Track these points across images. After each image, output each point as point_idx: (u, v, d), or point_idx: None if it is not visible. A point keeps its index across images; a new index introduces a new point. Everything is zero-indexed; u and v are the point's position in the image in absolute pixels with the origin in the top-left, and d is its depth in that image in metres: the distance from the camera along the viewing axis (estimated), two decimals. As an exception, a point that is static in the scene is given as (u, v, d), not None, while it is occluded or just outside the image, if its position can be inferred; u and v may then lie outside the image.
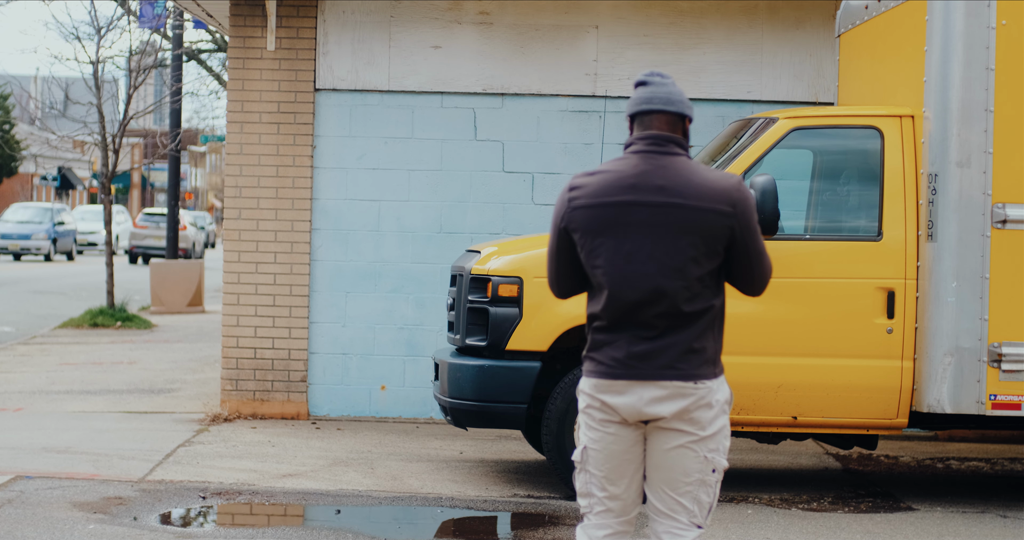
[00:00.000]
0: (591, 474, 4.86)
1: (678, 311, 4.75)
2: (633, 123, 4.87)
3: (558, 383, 8.93)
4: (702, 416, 4.75)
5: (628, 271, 4.74)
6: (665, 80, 4.86)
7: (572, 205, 4.84)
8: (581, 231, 4.82)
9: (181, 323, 21.44)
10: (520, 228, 11.85)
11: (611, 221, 4.78)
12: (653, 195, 4.75)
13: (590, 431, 4.85)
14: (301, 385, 11.90)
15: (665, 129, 4.81)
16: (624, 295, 4.75)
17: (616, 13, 12.00)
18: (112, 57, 26.04)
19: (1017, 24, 8.67)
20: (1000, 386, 8.59)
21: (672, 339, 4.75)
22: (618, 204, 4.78)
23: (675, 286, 4.74)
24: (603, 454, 4.81)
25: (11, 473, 9.09)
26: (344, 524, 8.16)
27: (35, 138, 56.74)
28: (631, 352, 4.75)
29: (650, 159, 4.80)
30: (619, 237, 4.76)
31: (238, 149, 12.02)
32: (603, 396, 4.78)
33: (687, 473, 4.77)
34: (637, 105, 4.85)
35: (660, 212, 4.74)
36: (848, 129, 9.17)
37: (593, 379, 4.82)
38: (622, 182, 4.80)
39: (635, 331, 4.76)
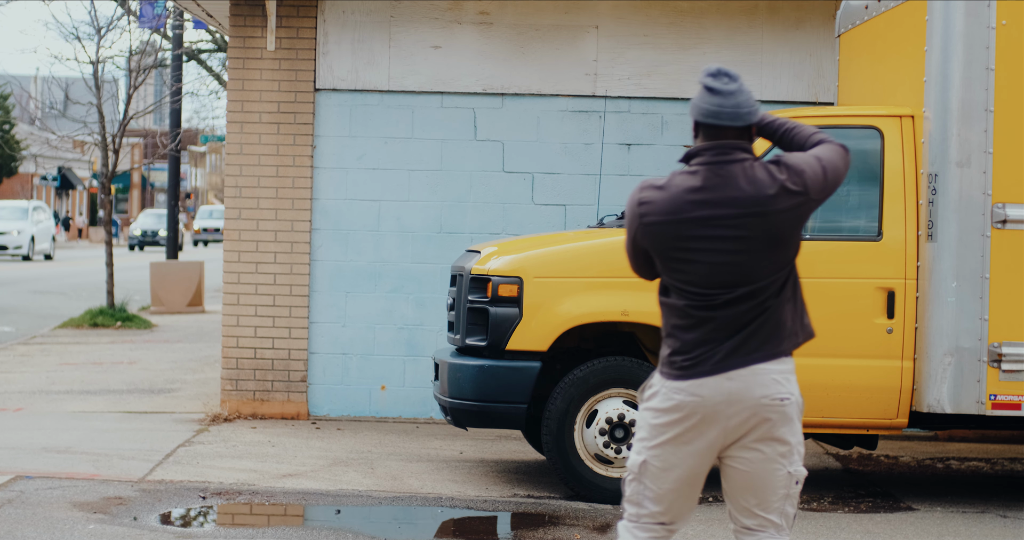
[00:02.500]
0: (646, 486, 4.83)
1: (772, 297, 4.78)
2: (698, 127, 4.79)
3: (558, 383, 8.93)
4: (788, 428, 4.80)
5: (711, 282, 4.72)
6: (733, 86, 4.74)
7: (643, 221, 4.78)
8: (652, 245, 4.79)
9: (181, 323, 21.44)
10: (520, 228, 11.85)
11: (685, 237, 4.72)
12: (728, 208, 4.70)
13: (655, 445, 4.78)
14: (301, 385, 11.90)
15: (732, 138, 4.75)
16: (704, 311, 4.74)
17: (616, 13, 12.00)
18: (112, 57, 26.05)
19: (1017, 24, 8.66)
20: (1000, 386, 8.59)
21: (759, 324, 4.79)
22: (691, 221, 4.71)
23: (767, 282, 4.75)
24: (666, 474, 4.79)
25: (11, 473, 9.09)
26: (344, 524, 8.16)
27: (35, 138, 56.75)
28: (719, 349, 4.74)
29: (722, 170, 4.73)
30: (696, 251, 4.71)
31: (238, 149, 12.02)
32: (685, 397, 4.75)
33: (775, 489, 4.80)
34: (704, 117, 4.75)
35: (739, 224, 4.70)
36: (848, 129, 9.16)
37: (676, 382, 4.75)
38: (692, 196, 4.72)
39: (721, 329, 4.75)
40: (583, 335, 9.22)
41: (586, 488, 8.84)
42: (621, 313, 8.85)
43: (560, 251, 9.18)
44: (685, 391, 4.74)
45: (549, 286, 8.90)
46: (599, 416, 8.81)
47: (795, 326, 4.86)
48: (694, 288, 4.75)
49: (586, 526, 8.17)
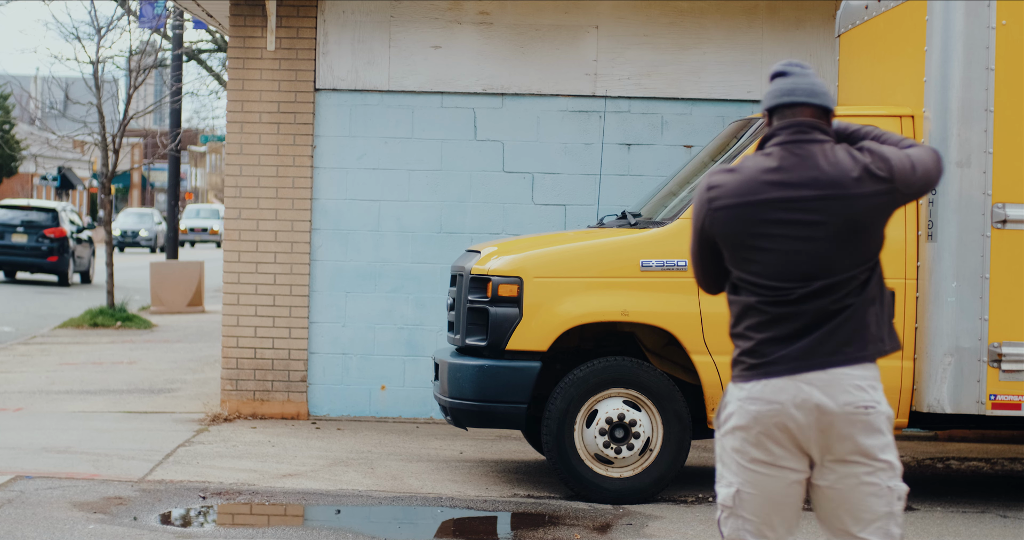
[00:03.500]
0: (744, 519, 4.43)
1: (854, 291, 4.39)
2: (772, 119, 4.48)
3: (558, 383, 8.93)
4: (878, 439, 4.37)
5: (788, 273, 4.35)
6: (806, 70, 4.50)
7: (713, 205, 4.42)
8: (723, 234, 4.42)
9: (181, 323, 21.44)
10: (520, 228, 11.85)
11: (760, 221, 4.36)
12: (807, 189, 4.35)
13: (744, 471, 4.40)
14: (301, 385, 11.90)
15: (808, 117, 4.42)
16: (778, 307, 4.37)
17: (616, 13, 12.00)
18: (112, 57, 26.09)
19: (1017, 24, 8.66)
20: (1000, 386, 8.59)
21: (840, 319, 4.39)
22: (766, 203, 4.36)
23: (850, 274, 4.37)
24: (763, 500, 4.40)
25: (11, 473, 9.08)
26: (344, 524, 8.16)
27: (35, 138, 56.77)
28: (796, 347, 4.37)
29: (798, 149, 4.39)
30: (772, 238, 4.36)
31: (238, 149, 12.02)
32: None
33: (872, 508, 4.37)
34: (777, 97, 4.45)
35: (818, 207, 4.34)
36: (848, 129, 9.15)
37: (753, 384, 4.38)
38: (768, 177, 4.38)
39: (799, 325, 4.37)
40: (583, 335, 9.22)
41: (586, 488, 8.84)
42: (621, 313, 8.85)
43: (560, 251, 9.18)
44: (761, 400, 4.35)
45: (549, 286, 8.90)
46: (599, 416, 8.81)
47: (880, 331, 4.42)
48: (768, 281, 4.37)
49: (586, 526, 8.17)
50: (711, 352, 8.76)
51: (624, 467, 8.84)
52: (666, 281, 8.83)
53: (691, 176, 9.49)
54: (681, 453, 8.86)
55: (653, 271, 8.88)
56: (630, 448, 8.80)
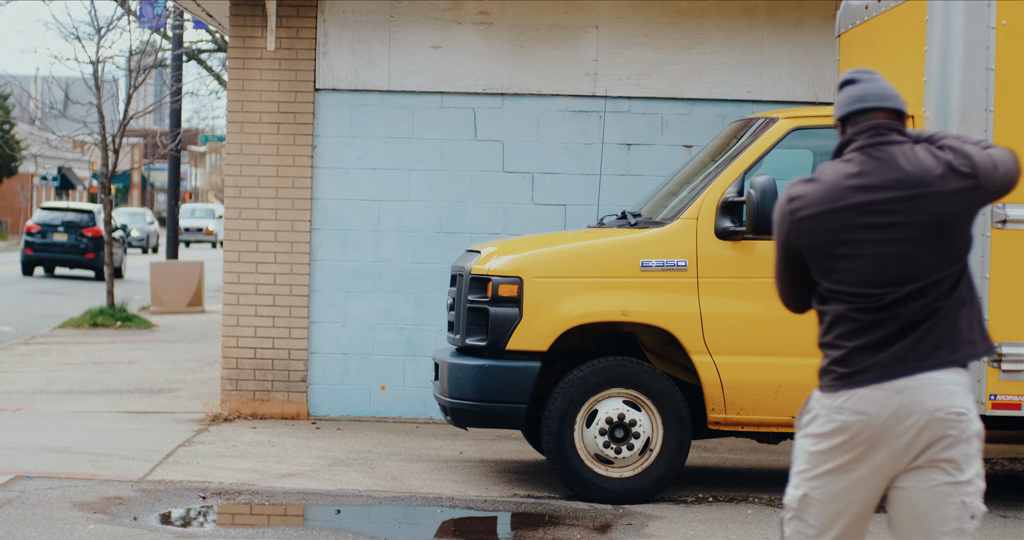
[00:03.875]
0: (807, 524, 4.36)
1: (944, 295, 4.30)
2: (845, 127, 4.43)
3: (558, 383, 8.93)
4: (966, 448, 4.25)
5: (876, 278, 4.28)
6: (874, 75, 4.45)
7: (796, 216, 4.34)
8: (807, 245, 4.34)
9: (181, 323, 21.44)
10: (520, 228, 11.85)
11: (844, 228, 4.29)
12: (890, 191, 4.28)
13: (815, 477, 4.32)
14: (301, 385, 11.90)
15: (883, 120, 4.38)
16: (869, 314, 4.28)
17: (616, 13, 12.00)
18: (112, 57, 26.09)
19: (1017, 24, 8.66)
20: (1000, 386, 8.58)
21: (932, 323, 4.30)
22: (850, 208, 4.30)
23: (940, 276, 4.28)
24: (830, 508, 4.32)
25: (11, 473, 9.08)
26: (344, 524, 8.16)
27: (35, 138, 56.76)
28: (886, 355, 4.27)
29: (877, 152, 4.34)
30: (857, 244, 4.29)
31: (238, 149, 12.02)
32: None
33: (945, 521, 4.24)
34: (849, 105, 4.41)
35: (903, 209, 4.27)
36: (848, 129, 9.15)
37: (838, 397, 4.29)
38: (850, 182, 4.31)
39: (889, 333, 4.27)
40: (583, 335, 9.22)
41: (586, 488, 8.84)
42: (621, 313, 8.85)
43: (560, 251, 9.18)
44: (848, 410, 4.25)
45: (549, 286, 8.90)
46: (599, 416, 8.81)
47: (972, 333, 4.33)
48: (856, 288, 4.28)
49: (586, 526, 8.17)
50: (711, 352, 8.76)
51: (624, 467, 8.84)
52: (666, 281, 8.84)
53: (691, 176, 9.49)
54: (681, 453, 8.86)
55: (653, 271, 8.88)
56: (630, 448, 8.79)
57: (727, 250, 8.86)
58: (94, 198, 68.56)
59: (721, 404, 8.81)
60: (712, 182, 8.95)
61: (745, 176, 8.83)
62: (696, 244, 8.84)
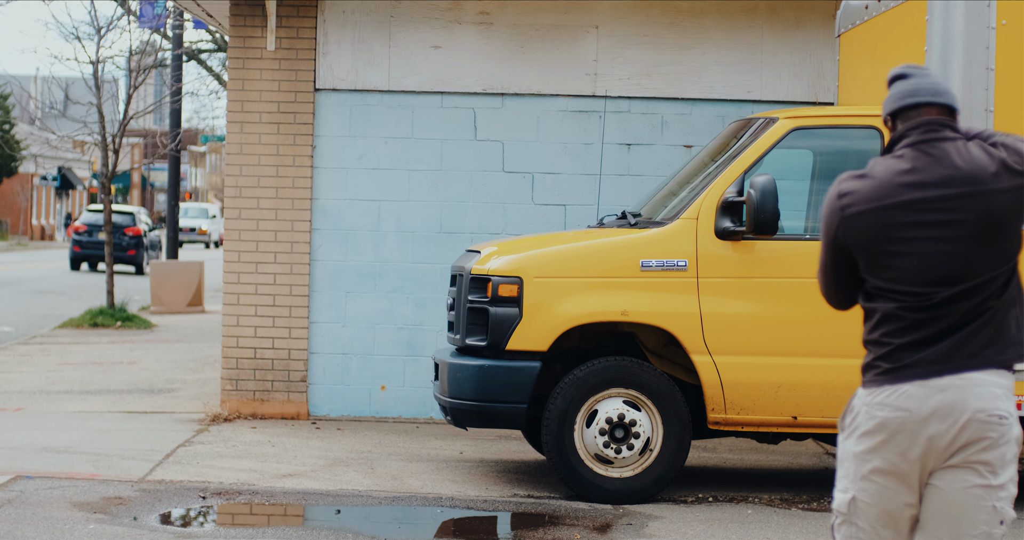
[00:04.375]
0: (858, 528, 4.31)
1: (992, 299, 4.25)
2: (895, 121, 4.35)
3: (558, 383, 8.92)
4: (1004, 451, 4.22)
5: (926, 277, 4.22)
6: (926, 71, 4.36)
7: (846, 213, 4.30)
8: (858, 241, 4.29)
9: (181, 323, 21.44)
10: (520, 228, 11.85)
11: (896, 225, 4.23)
12: (943, 188, 4.21)
13: (862, 479, 4.28)
14: (301, 385, 11.90)
15: (935, 116, 4.30)
16: (925, 296, 4.22)
17: (616, 13, 12.00)
18: (112, 57, 26.11)
19: (1017, 24, 8.66)
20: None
21: (976, 326, 4.25)
22: (904, 204, 4.23)
23: (990, 275, 4.23)
24: (879, 510, 4.27)
25: (11, 473, 9.08)
26: (344, 524, 8.16)
27: (35, 138, 56.78)
28: (932, 351, 4.23)
29: (930, 148, 4.26)
30: (909, 241, 4.23)
31: (238, 149, 12.02)
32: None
33: (974, 524, 4.20)
34: (901, 99, 4.33)
35: (956, 206, 4.20)
36: (848, 129, 9.16)
37: (882, 393, 4.25)
38: (902, 179, 4.25)
39: (936, 330, 4.23)
40: (583, 335, 9.22)
41: (586, 488, 8.84)
42: (621, 313, 8.85)
43: (560, 251, 9.18)
44: (890, 406, 4.21)
45: (549, 286, 8.90)
46: (599, 416, 8.81)
47: (1020, 335, 4.27)
48: (906, 287, 4.23)
49: (586, 526, 8.17)
50: (711, 352, 8.76)
51: (624, 467, 8.84)
52: (666, 281, 8.83)
53: (691, 176, 9.48)
54: (681, 453, 8.86)
55: (653, 271, 8.88)
56: (630, 448, 8.79)
57: (727, 250, 8.85)
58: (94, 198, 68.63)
59: (721, 404, 8.81)
60: (712, 182, 8.95)
61: (745, 176, 8.83)
62: (696, 244, 8.84)
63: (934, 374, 4.18)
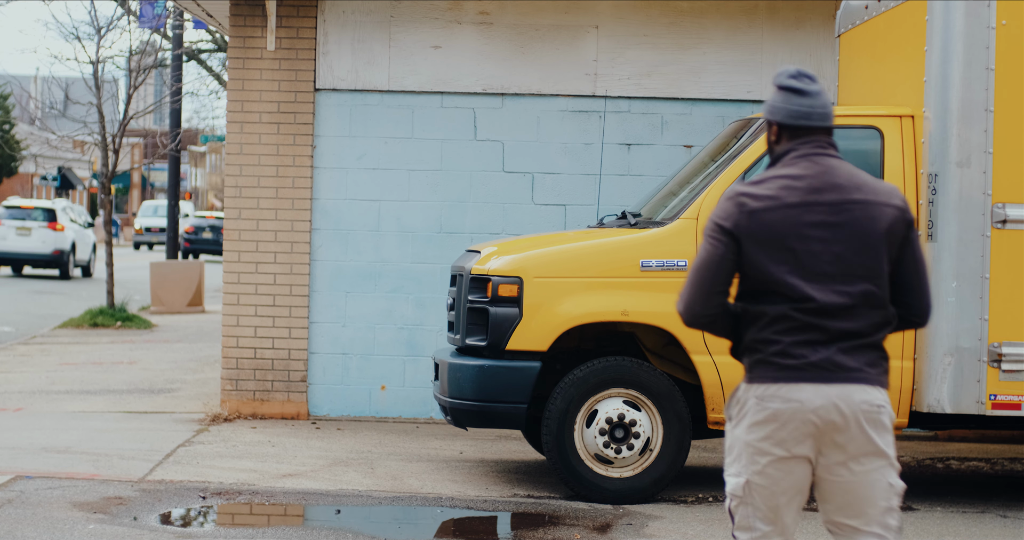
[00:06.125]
0: (755, 507, 4.62)
1: (873, 314, 4.57)
2: (782, 132, 4.72)
3: (558, 383, 8.92)
4: (884, 438, 4.58)
5: (815, 273, 4.53)
6: (816, 86, 4.70)
7: (746, 209, 4.58)
8: (758, 236, 4.57)
9: (181, 323, 21.44)
10: (520, 228, 11.85)
11: (792, 223, 4.56)
12: (834, 193, 4.60)
13: (754, 464, 4.58)
14: (301, 385, 11.90)
15: (823, 136, 4.70)
16: (811, 299, 4.52)
17: (616, 13, 12.00)
18: (112, 57, 26.07)
19: (1017, 24, 8.67)
20: (1000, 386, 8.59)
21: (861, 343, 4.58)
22: (800, 205, 4.58)
23: (869, 286, 4.56)
24: (771, 491, 4.58)
25: (11, 473, 9.09)
26: (344, 524, 8.16)
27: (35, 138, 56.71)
28: (821, 356, 4.53)
29: (820, 161, 4.65)
30: (803, 239, 4.55)
31: (238, 149, 12.02)
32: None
33: (875, 502, 4.58)
34: (796, 119, 4.68)
35: (843, 210, 4.58)
36: (848, 129, 9.16)
37: (774, 388, 4.54)
38: (799, 183, 4.62)
39: (826, 334, 4.54)
40: (583, 335, 9.22)
41: (586, 488, 8.84)
42: (621, 313, 8.85)
43: (560, 251, 9.18)
44: (780, 398, 4.52)
45: (549, 286, 8.90)
46: (599, 416, 8.81)
47: (887, 353, 4.66)
48: (795, 286, 4.54)
49: (586, 526, 8.17)
50: (711, 352, 8.76)
51: (624, 467, 8.84)
52: (666, 281, 8.83)
53: (691, 176, 9.49)
54: (681, 453, 8.86)
55: (653, 271, 8.88)
56: (630, 448, 8.79)
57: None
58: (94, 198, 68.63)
59: (721, 404, 8.81)
60: (712, 182, 8.95)
61: (745, 176, 8.83)
62: (696, 244, 8.84)
63: (822, 380, 4.51)
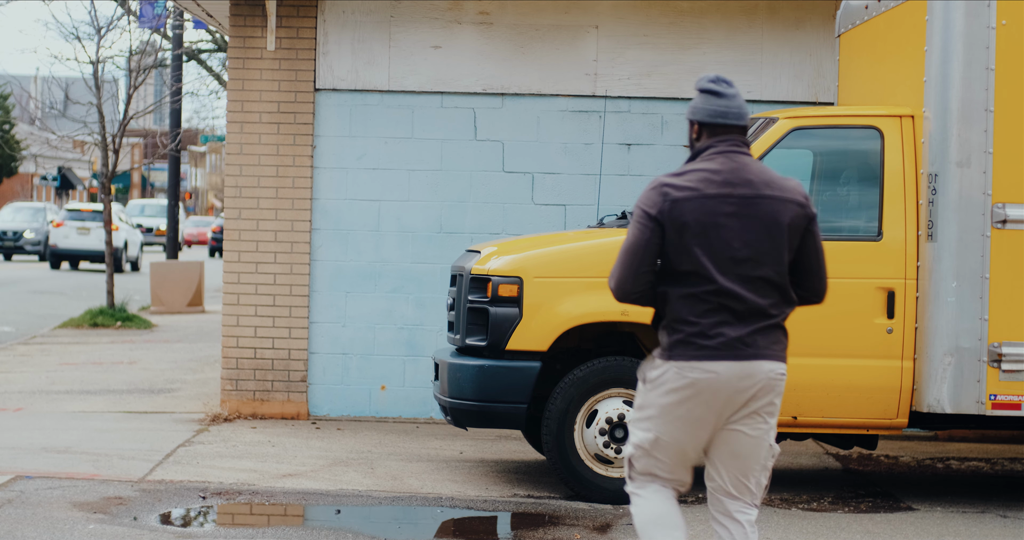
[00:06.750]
0: (658, 460, 5.31)
1: (776, 297, 5.24)
2: (703, 129, 5.31)
3: (558, 383, 8.93)
4: (777, 405, 5.26)
5: (727, 258, 5.16)
6: (733, 90, 5.30)
7: (669, 198, 5.19)
8: (679, 222, 5.17)
9: (181, 323, 21.44)
10: (520, 228, 11.85)
11: (709, 212, 5.17)
12: (745, 188, 5.22)
13: (666, 423, 5.23)
14: (301, 385, 11.90)
15: (738, 135, 5.31)
16: (725, 280, 5.16)
17: (616, 13, 12.00)
18: (112, 57, 26.04)
19: (1017, 24, 8.67)
20: (1000, 386, 8.59)
21: (767, 323, 5.23)
22: (716, 196, 5.18)
23: (772, 272, 5.21)
24: (676, 448, 5.26)
25: (11, 473, 9.09)
26: (344, 524, 8.16)
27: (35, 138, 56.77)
28: (734, 336, 5.17)
29: (735, 158, 5.26)
30: (718, 227, 5.17)
31: (238, 149, 12.02)
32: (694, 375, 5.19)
33: (758, 460, 5.29)
34: (715, 118, 5.28)
35: (752, 203, 5.20)
36: (848, 129, 9.17)
37: (692, 363, 5.16)
38: (716, 176, 5.22)
39: (735, 315, 5.17)
40: (583, 335, 9.22)
41: (586, 488, 8.84)
42: (621, 313, 8.85)
43: (560, 251, 9.18)
44: (699, 369, 5.15)
45: (549, 286, 8.90)
46: (599, 416, 8.81)
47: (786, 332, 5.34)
48: (708, 269, 5.16)
49: (586, 526, 8.17)
50: (711, 352, 8.74)
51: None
52: (666, 281, 8.82)
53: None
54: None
55: (653, 271, 8.86)
56: (630, 448, 8.78)
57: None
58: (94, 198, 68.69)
59: (721, 404, 8.80)
60: (712, 182, 8.94)
61: (745, 176, 8.83)
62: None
63: (735, 358, 5.14)
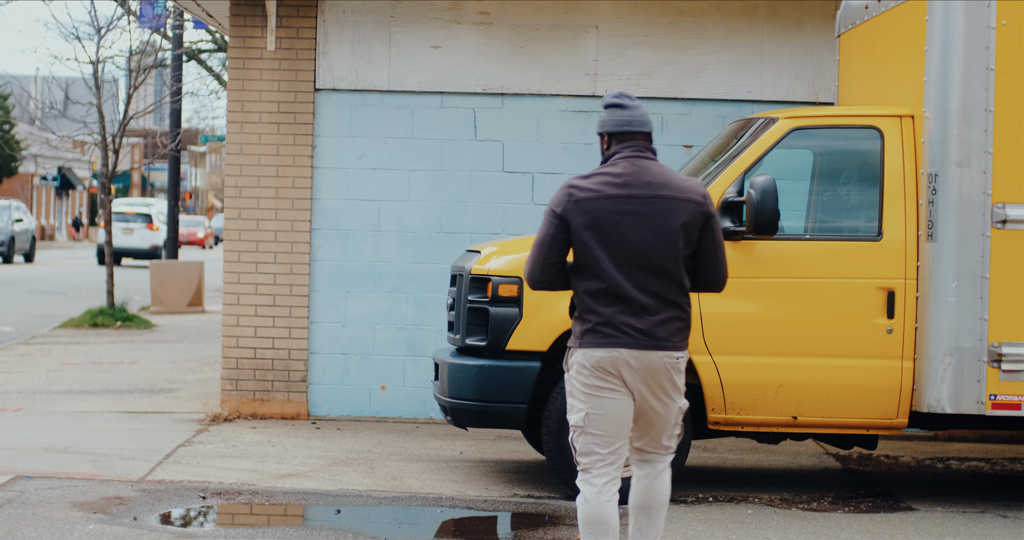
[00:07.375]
0: (592, 435, 5.96)
1: (672, 287, 5.91)
2: (611, 139, 6.07)
3: (558, 383, 8.92)
4: (680, 380, 6.02)
5: (626, 253, 5.85)
6: (635, 102, 6.09)
7: (573, 198, 5.90)
8: (581, 220, 5.86)
9: (181, 323, 21.44)
10: (520, 228, 11.85)
11: (608, 211, 5.85)
12: (644, 189, 5.93)
13: (590, 399, 5.93)
14: (301, 385, 11.90)
15: (642, 141, 6.07)
16: (624, 273, 5.85)
17: (616, 13, 12.00)
18: (112, 57, 26.06)
19: (1017, 24, 8.67)
20: (1000, 386, 8.59)
21: (667, 314, 5.92)
22: (616, 196, 5.88)
23: (668, 264, 5.88)
24: (605, 418, 5.95)
25: (11, 473, 9.09)
26: (344, 524, 8.16)
27: (35, 138, 56.78)
28: (636, 325, 5.87)
29: (637, 162, 6.02)
30: (616, 224, 5.85)
31: (238, 149, 12.02)
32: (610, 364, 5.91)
33: (671, 423, 6.09)
34: (620, 126, 6.07)
35: (650, 202, 5.90)
36: (848, 129, 9.17)
37: (599, 350, 5.87)
38: (617, 179, 5.94)
39: (635, 305, 5.86)
40: (583, 335, 9.21)
41: (586, 488, 8.82)
42: (621, 313, 8.84)
43: (560, 251, 9.16)
44: (604, 350, 5.90)
45: (549, 286, 8.88)
46: (599, 416, 8.80)
47: (690, 323, 6.03)
48: (607, 263, 5.87)
49: (586, 526, 8.16)
50: (711, 352, 8.76)
51: (624, 467, 8.82)
52: (666, 281, 8.82)
53: (691, 176, 9.48)
54: (681, 453, 8.85)
55: (653, 271, 8.86)
56: (630, 448, 8.78)
57: (727, 250, 8.84)
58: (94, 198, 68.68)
59: (721, 404, 8.81)
60: (712, 182, 8.95)
61: (745, 176, 8.83)
62: (696, 244, 8.83)
63: (636, 347, 5.86)
